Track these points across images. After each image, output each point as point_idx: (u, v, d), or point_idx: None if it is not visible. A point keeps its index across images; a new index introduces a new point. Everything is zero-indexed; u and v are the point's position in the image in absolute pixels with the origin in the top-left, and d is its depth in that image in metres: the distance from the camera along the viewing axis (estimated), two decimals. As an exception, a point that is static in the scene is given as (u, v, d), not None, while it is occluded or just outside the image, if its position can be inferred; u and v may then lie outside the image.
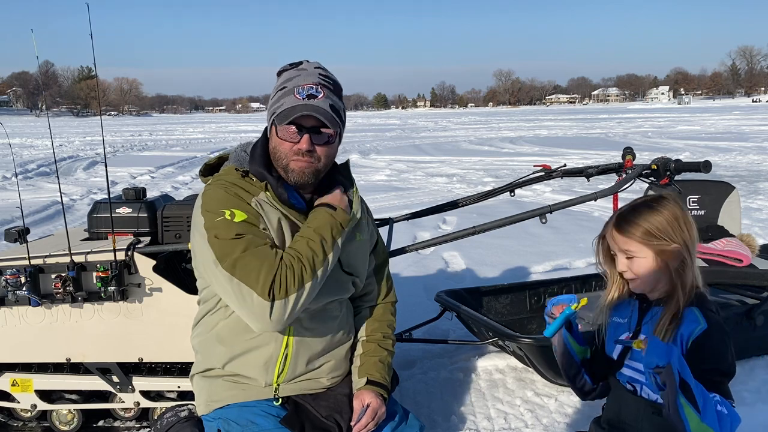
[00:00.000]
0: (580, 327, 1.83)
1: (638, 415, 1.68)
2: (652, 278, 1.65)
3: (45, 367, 2.60)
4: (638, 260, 1.64)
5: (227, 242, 1.69)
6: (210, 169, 1.96)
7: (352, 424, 1.83)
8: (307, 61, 1.85)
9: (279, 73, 1.85)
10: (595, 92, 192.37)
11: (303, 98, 1.73)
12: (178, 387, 2.60)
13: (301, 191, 1.85)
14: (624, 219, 1.67)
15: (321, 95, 1.75)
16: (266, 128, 1.89)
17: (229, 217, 1.72)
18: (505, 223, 2.73)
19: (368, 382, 1.92)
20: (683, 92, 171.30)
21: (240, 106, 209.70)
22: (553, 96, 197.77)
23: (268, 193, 1.80)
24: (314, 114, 1.72)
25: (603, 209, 7.95)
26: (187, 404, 2.45)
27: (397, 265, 5.14)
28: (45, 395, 2.62)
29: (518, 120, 46.17)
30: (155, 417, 2.63)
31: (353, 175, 2.01)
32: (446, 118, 58.71)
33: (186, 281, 2.46)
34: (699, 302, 1.62)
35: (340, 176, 1.94)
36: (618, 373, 1.74)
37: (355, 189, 1.95)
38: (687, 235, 1.63)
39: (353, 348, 2.04)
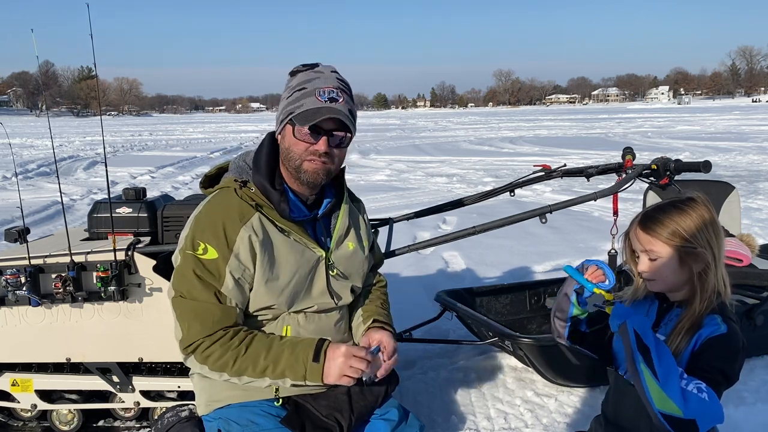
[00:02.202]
0: (587, 299, 1.77)
1: (637, 410, 1.66)
2: (672, 281, 1.60)
3: (45, 367, 2.59)
4: (661, 261, 1.58)
5: (184, 277, 1.76)
6: (210, 181, 1.97)
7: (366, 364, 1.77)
8: (322, 64, 1.85)
9: (293, 73, 1.84)
10: (595, 92, 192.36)
11: (325, 101, 1.74)
12: (178, 387, 2.60)
13: (306, 193, 1.87)
14: (650, 218, 1.61)
15: (341, 100, 1.77)
16: (270, 133, 1.90)
17: (200, 253, 1.75)
18: (505, 223, 2.73)
19: (374, 321, 1.97)
20: (683, 92, 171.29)
21: (240, 106, 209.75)
22: (553, 96, 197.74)
23: (264, 213, 1.80)
24: (339, 117, 1.74)
25: (603, 209, 7.95)
26: (188, 404, 2.45)
27: (397, 265, 5.14)
28: (45, 395, 2.62)
29: (518, 120, 46.17)
30: (155, 417, 2.63)
31: (353, 176, 2.02)
32: (446, 118, 58.71)
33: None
34: (721, 310, 1.58)
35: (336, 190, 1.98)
36: (620, 367, 1.73)
37: (345, 199, 1.98)
38: (714, 239, 1.58)
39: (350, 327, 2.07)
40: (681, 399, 1.38)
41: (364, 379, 1.74)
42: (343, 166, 1.98)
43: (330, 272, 1.90)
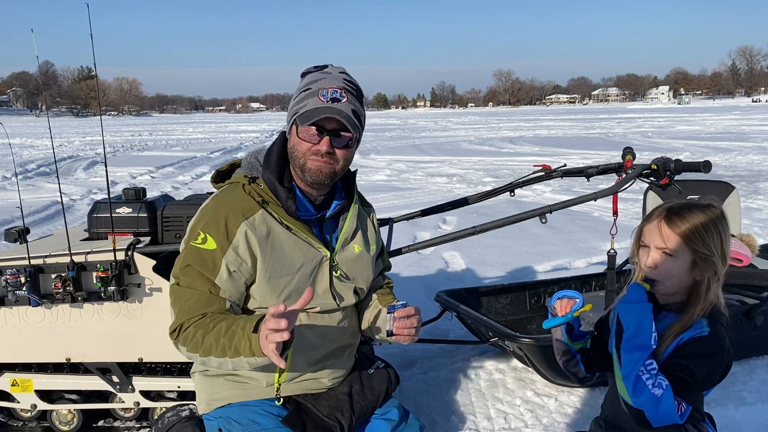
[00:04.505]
0: (582, 326, 1.81)
1: None
2: (677, 283, 1.59)
3: (45, 367, 2.59)
4: (674, 260, 1.57)
5: (183, 266, 1.79)
6: (221, 176, 1.99)
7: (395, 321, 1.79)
8: (332, 65, 1.86)
9: (303, 75, 1.86)
10: (595, 92, 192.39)
11: (327, 101, 1.74)
12: (178, 387, 2.60)
13: (314, 193, 1.88)
14: (676, 214, 1.59)
15: (344, 99, 1.77)
16: (283, 132, 1.91)
17: (199, 242, 1.77)
18: (505, 223, 2.73)
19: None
20: (683, 92, 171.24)
21: (240, 106, 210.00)
22: (553, 96, 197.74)
23: (269, 209, 1.81)
24: (337, 117, 1.73)
25: (603, 209, 7.95)
26: (188, 404, 2.45)
27: (397, 265, 5.14)
28: (45, 395, 2.62)
29: (518, 120, 46.17)
30: (155, 417, 2.63)
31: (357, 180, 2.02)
32: (446, 118, 58.70)
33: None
34: (710, 314, 1.57)
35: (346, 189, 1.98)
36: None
37: (354, 201, 1.97)
38: (726, 253, 1.59)
39: (360, 324, 2.07)
40: (632, 389, 1.48)
41: (376, 336, 1.76)
42: (354, 169, 1.98)
43: (333, 273, 1.90)
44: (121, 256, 2.41)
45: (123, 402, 2.63)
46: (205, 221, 1.80)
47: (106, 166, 2.60)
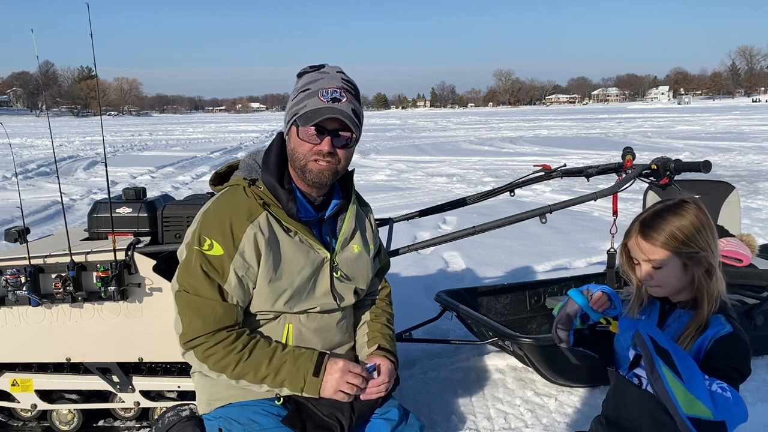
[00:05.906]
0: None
1: (640, 411, 1.66)
2: (677, 286, 1.61)
3: (45, 367, 2.59)
4: (665, 269, 1.58)
5: (189, 272, 1.78)
6: (220, 178, 1.98)
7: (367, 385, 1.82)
8: (328, 64, 1.86)
9: (300, 75, 1.85)
10: (595, 92, 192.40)
11: (327, 101, 1.74)
12: (178, 387, 2.60)
13: (314, 194, 1.88)
14: (649, 227, 1.60)
15: (344, 99, 1.77)
16: (280, 132, 1.91)
17: (206, 248, 1.77)
18: (505, 223, 2.73)
19: (379, 347, 1.97)
20: (683, 92, 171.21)
21: (240, 106, 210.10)
22: (553, 96, 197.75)
23: (271, 211, 1.81)
24: (339, 117, 1.74)
25: (603, 209, 7.95)
26: (188, 404, 2.45)
27: (397, 265, 5.14)
28: (45, 395, 2.62)
29: (518, 120, 46.17)
30: (155, 417, 2.63)
31: (355, 179, 2.02)
32: (446, 118, 58.69)
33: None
34: (722, 309, 1.59)
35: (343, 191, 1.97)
36: (621, 367, 1.72)
37: (352, 202, 1.98)
38: (712, 240, 1.59)
39: (355, 338, 2.07)
40: (709, 400, 1.36)
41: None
42: (351, 168, 1.98)
43: (334, 274, 1.91)
44: (121, 256, 2.41)
45: (123, 402, 2.63)
46: (210, 226, 1.79)
47: (106, 166, 2.60)
